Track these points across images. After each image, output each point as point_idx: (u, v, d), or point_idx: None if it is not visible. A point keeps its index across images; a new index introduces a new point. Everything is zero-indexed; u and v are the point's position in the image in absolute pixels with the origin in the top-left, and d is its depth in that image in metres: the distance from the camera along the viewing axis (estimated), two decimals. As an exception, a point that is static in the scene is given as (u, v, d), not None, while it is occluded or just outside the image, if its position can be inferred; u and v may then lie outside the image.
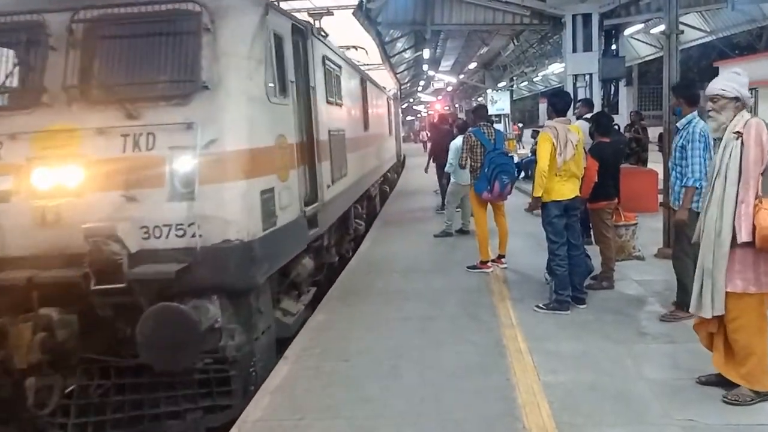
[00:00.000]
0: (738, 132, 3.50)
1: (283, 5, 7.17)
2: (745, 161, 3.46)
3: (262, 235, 4.37)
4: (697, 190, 4.68)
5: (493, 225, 7.29)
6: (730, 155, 3.51)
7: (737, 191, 3.48)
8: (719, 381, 3.67)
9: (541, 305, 5.48)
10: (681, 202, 4.80)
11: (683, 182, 4.79)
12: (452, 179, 9.23)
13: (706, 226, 3.63)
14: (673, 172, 4.95)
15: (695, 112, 4.87)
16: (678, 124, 5.02)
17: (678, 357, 4.25)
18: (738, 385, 3.57)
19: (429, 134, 19.97)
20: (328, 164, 6.63)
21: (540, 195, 5.37)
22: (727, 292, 3.52)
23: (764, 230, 3.34)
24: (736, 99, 3.58)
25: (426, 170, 12.64)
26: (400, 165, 22.40)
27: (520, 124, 40.58)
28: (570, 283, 5.45)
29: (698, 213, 4.80)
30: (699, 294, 3.64)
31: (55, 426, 4.17)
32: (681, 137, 4.87)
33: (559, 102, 5.57)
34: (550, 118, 5.57)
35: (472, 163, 7.02)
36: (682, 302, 4.89)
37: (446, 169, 9.19)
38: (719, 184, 3.55)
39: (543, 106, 26.45)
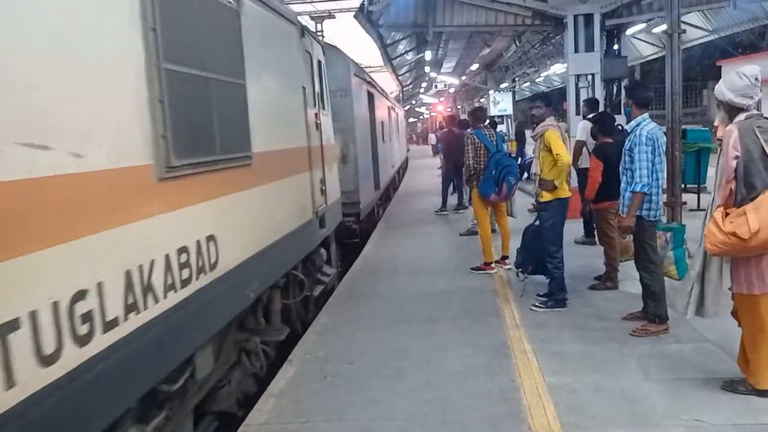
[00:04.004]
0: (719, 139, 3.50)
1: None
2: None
3: None
4: (646, 196, 4.55)
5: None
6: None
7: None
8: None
9: (537, 303, 5.49)
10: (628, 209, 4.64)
11: (631, 187, 4.60)
12: None
13: None
14: (624, 177, 4.73)
15: (645, 115, 4.69)
16: (627, 127, 4.84)
17: (683, 357, 4.23)
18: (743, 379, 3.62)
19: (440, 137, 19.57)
20: None
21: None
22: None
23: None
24: (721, 103, 3.53)
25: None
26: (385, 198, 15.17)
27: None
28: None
29: (652, 222, 4.67)
30: None
31: None
32: (629, 140, 4.68)
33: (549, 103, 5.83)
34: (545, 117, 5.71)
35: (475, 165, 7.02)
36: (654, 314, 4.72)
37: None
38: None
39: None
